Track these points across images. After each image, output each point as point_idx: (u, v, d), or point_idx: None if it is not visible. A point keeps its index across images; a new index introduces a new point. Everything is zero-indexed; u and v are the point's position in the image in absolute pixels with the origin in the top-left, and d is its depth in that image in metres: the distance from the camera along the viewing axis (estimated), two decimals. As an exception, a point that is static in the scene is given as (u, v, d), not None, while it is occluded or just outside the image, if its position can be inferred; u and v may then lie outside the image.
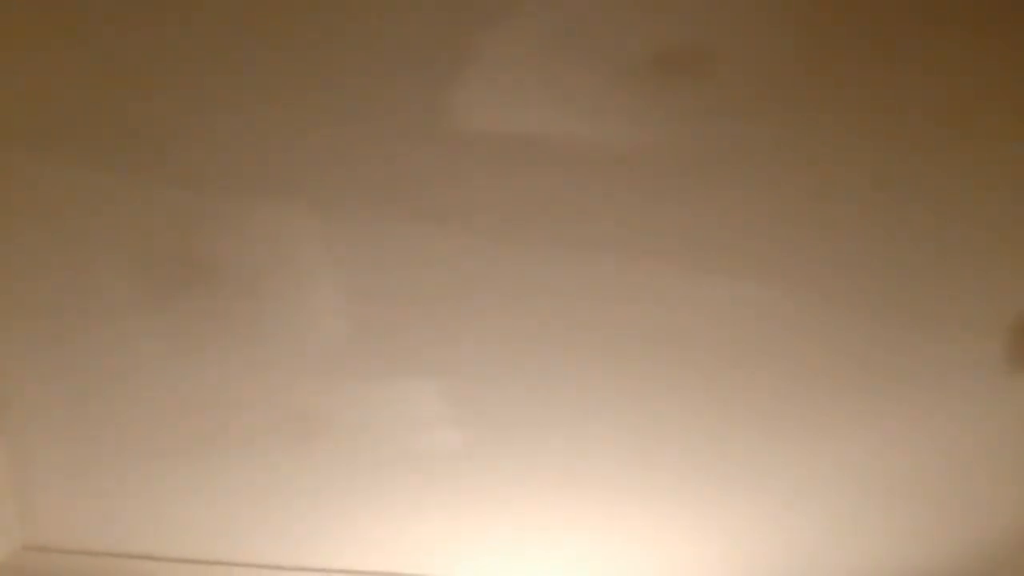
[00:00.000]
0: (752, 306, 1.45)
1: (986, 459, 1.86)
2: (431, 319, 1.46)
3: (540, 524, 2.10)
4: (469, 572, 2.32)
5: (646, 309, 1.46)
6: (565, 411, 1.73)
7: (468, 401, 1.69)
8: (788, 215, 1.30)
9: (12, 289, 1.39)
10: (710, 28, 1.09)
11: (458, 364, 1.59)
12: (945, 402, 1.70)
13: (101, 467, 1.85)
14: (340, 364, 1.57)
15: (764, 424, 1.76)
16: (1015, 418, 1.75)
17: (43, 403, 1.68)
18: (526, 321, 1.48)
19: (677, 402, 1.69)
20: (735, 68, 1.09)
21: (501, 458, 1.86)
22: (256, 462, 1.84)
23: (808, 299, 1.44)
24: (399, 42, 1.10)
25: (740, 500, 2.03)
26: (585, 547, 2.22)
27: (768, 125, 1.17)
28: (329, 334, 1.48)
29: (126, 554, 2.14)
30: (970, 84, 1.15)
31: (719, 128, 1.17)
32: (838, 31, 1.09)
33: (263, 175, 1.21)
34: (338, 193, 1.24)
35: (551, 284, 1.41)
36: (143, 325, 1.46)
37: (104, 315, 1.44)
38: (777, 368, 1.60)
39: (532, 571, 2.31)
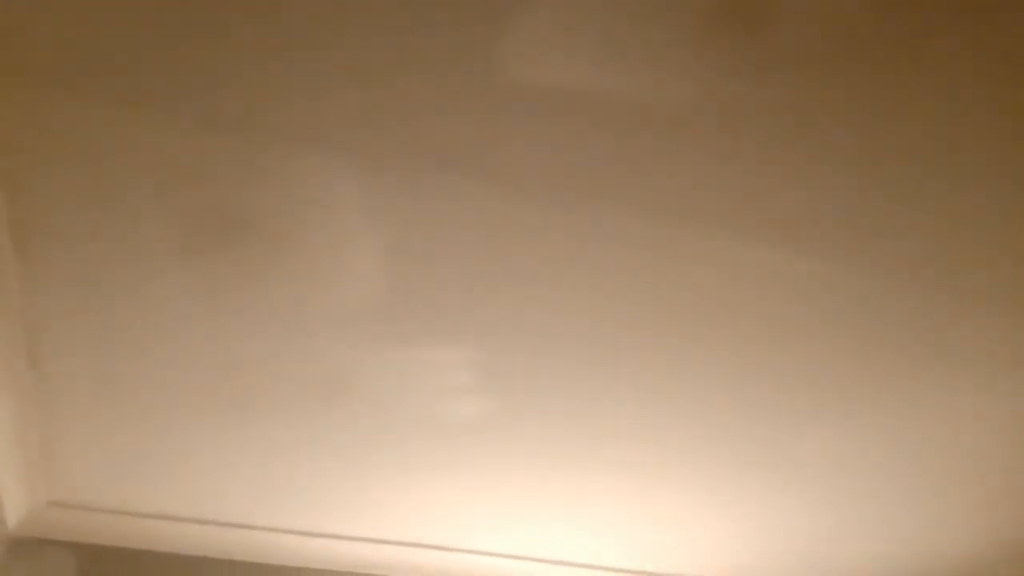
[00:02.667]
0: (801, 277, 1.42)
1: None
2: (466, 283, 1.44)
3: (562, 498, 2.09)
4: (488, 544, 2.32)
5: (689, 279, 1.43)
6: (594, 385, 1.71)
7: (496, 370, 1.67)
8: (847, 180, 1.27)
9: (45, 240, 1.39)
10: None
11: (489, 331, 1.57)
12: (996, 383, 1.67)
13: (127, 425, 1.85)
14: (372, 327, 1.55)
15: (800, 402, 1.73)
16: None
17: (73, 359, 1.67)
18: (562, 289, 1.46)
19: (710, 377, 1.66)
20: (798, 22, 1.05)
21: (526, 430, 1.84)
22: (282, 425, 1.83)
23: (860, 270, 1.41)
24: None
25: (768, 484, 2.01)
26: (606, 523, 2.21)
27: (831, 84, 1.13)
28: (363, 295, 1.47)
29: (149, 514, 2.14)
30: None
31: (779, 87, 1.13)
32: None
33: (305, 126, 1.19)
34: (379, 148, 1.22)
35: (592, 250, 1.38)
36: (177, 279, 1.44)
37: (138, 268, 1.42)
38: (821, 343, 1.56)
39: (552, 545, 2.31)
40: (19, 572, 2.08)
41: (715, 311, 1.52)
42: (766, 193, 1.29)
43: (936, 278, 1.44)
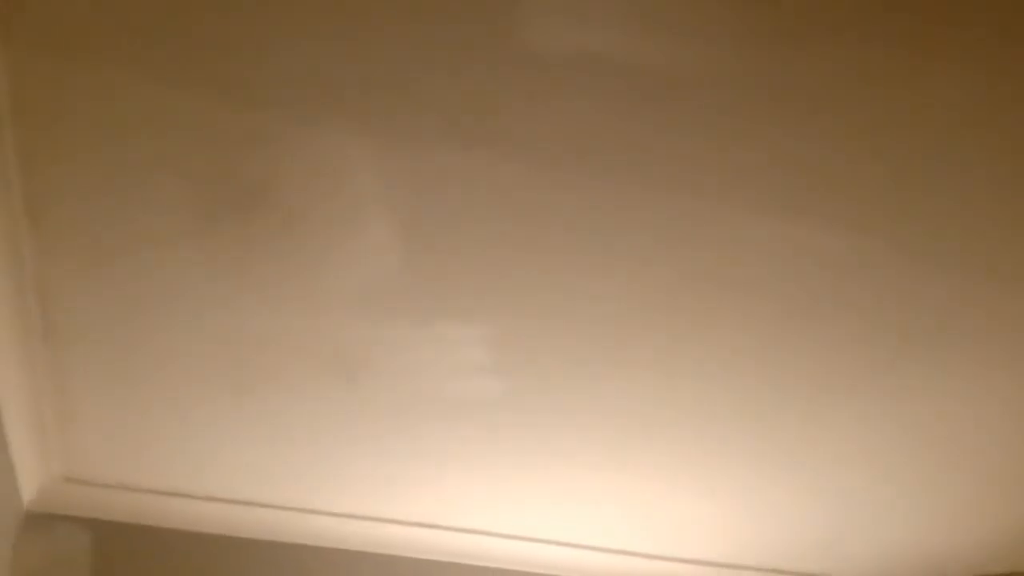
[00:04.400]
0: (811, 257, 1.40)
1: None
2: (480, 255, 1.43)
3: (576, 481, 2.09)
4: (499, 526, 2.31)
5: (706, 254, 1.41)
6: (610, 367, 1.70)
7: (513, 349, 1.66)
8: (860, 156, 1.24)
9: (59, 211, 1.39)
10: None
11: (504, 308, 1.55)
12: (1008, 367, 1.65)
13: (141, 401, 1.85)
14: (386, 302, 1.55)
15: (817, 385, 1.71)
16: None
17: (88, 332, 1.67)
18: (579, 263, 1.45)
19: (729, 358, 1.65)
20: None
21: (543, 411, 1.83)
22: (295, 402, 1.83)
23: (875, 248, 1.39)
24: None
25: (779, 467, 2.00)
26: (620, 507, 2.20)
27: (850, 56, 1.10)
28: (375, 269, 1.46)
29: (163, 491, 2.15)
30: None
31: (799, 57, 1.10)
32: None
33: (319, 94, 1.18)
34: (391, 115, 1.20)
35: (609, 226, 1.36)
36: (191, 253, 1.44)
37: (153, 241, 1.42)
38: (837, 322, 1.54)
39: (566, 528, 2.30)
40: (34, 547, 2.09)
41: (731, 291, 1.50)
42: (781, 169, 1.27)
43: (948, 259, 1.42)
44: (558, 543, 2.38)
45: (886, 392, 1.74)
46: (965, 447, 1.89)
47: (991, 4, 1.05)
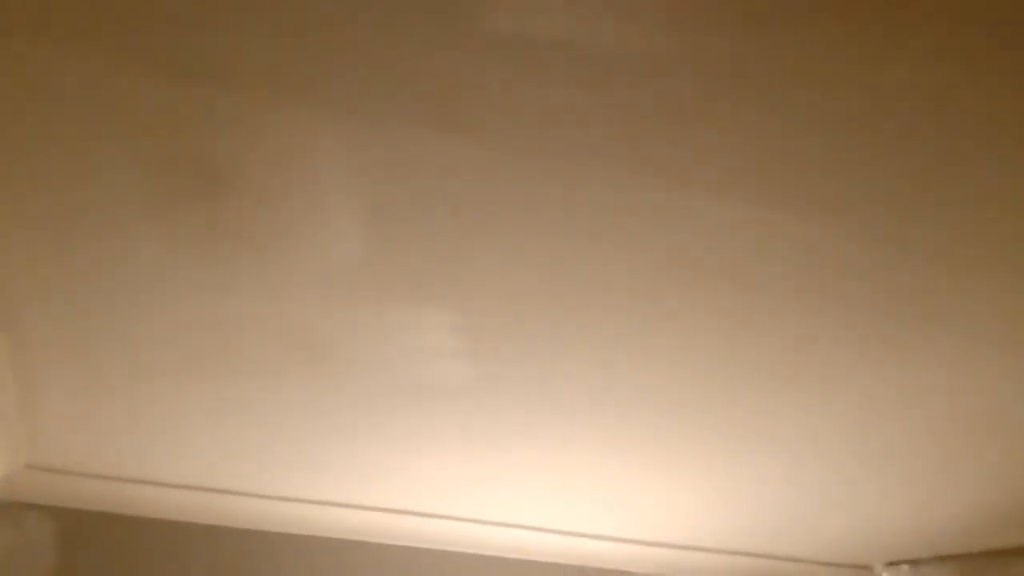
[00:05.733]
0: (789, 239, 1.40)
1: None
2: (449, 239, 1.41)
3: (546, 465, 2.08)
4: (472, 512, 2.31)
5: (678, 237, 1.40)
6: (584, 349, 1.69)
7: (483, 333, 1.65)
8: (835, 140, 1.24)
9: (12, 192, 1.35)
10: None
11: (472, 293, 1.54)
12: (987, 351, 1.65)
13: (104, 387, 1.83)
14: (352, 287, 1.53)
15: (791, 367, 1.71)
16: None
17: (48, 319, 1.65)
18: (549, 247, 1.44)
19: (704, 342, 1.64)
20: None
21: (515, 396, 1.82)
22: (261, 388, 1.81)
23: (847, 233, 1.39)
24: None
25: (757, 450, 2.00)
26: (594, 493, 2.20)
27: (822, 40, 1.10)
28: (342, 253, 1.44)
29: (127, 478, 2.13)
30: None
31: (770, 42, 1.10)
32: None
33: (282, 74, 1.15)
34: (359, 98, 1.18)
35: (579, 211, 1.36)
36: (152, 234, 1.41)
37: (112, 222, 1.39)
38: (810, 306, 1.54)
39: (541, 513, 2.30)
40: (-2, 535, 2.06)
41: (703, 274, 1.49)
42: (754, 153, 1.27)
43: (924, 242, 1.42)
44: (532, 528, 2.38)
45: (864, 375, 1.74)
46: (940, 428, 1.89)
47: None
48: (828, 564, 2.53)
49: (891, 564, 2.49)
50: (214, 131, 1.23)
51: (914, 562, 2.45)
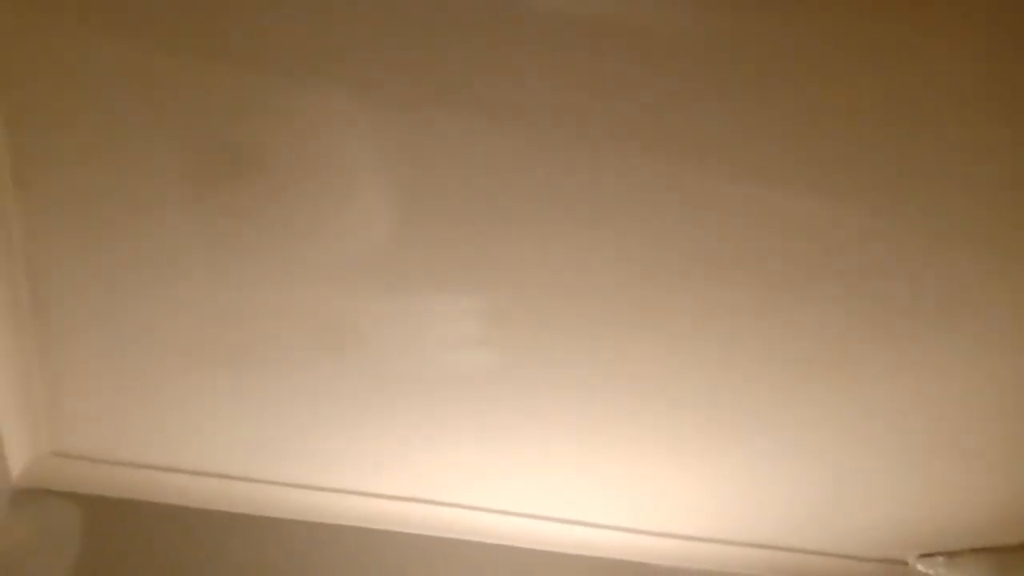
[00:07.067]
0: (815, 227, 1.39)
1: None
2: (475, 226, 1.41)
3: (569, 456, 2.08)
4: (486, 501, 2.31)
5: (702, 228, 1.40)
6: (603, 341, 1.69)
7: (506, 322, 1.64)
8: (868, 124, 1.23)
9: (47, 179, 1.37)
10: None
11: (499, 281, 1.54)
12: (1009, 342, 1.65)
13: (130, 374, 1.84)
14: (376, 273, 1.53)
15: (822, 358, 1.71)
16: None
17: (73, 307, 1.65)
18: (574, 236, 1.43)
19: (733, 331, 1.64)
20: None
21: (534, 384, 1.82)
22: (283, 376, 1.81)
23: (873, 219, 1.38)
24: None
25: (774, 441, 2.00)
26: (613, 484, 2.20)
27: (855, 23, 1.08)
28: (366, 239, 1.44)
29: (151, 465, 2.14)
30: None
31: (804, 23, 1.08)
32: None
33: (315, 62, 1.15)
34: (387, 81, 1.18)
35: (606, 196, 1.35)
36: (180, 219, 1.41)
37: (141, 207, 1.39)
38: (830, 297, 1.54)
39: (558, 503, 2.30)
40: (22, 522, 2.08)
41: (718, 266, 1.49)
42: (781, 136, 1.26)
43: (952, 230, 1.41)
44: (549, 519, 2.37)
45: (880, 367, 1.73)
46: (958, 422, 1.89)
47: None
48: (860, 559, 2.50)
49: (925, 556, 2.45)
50: (244, 116, 1.23)
51: (950, 554, 2.41)
